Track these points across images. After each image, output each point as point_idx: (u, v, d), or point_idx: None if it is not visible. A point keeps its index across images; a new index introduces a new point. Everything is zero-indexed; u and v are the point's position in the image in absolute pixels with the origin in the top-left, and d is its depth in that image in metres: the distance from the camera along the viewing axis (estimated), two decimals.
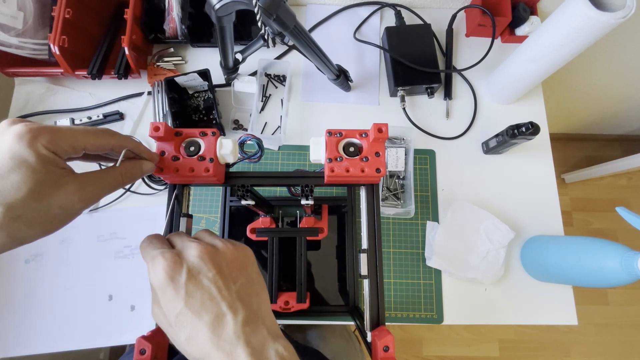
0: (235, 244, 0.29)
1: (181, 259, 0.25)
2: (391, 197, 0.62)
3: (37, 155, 0.23)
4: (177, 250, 0.26)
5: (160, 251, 0.26)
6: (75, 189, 0.25)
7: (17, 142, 0.23)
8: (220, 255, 0.27)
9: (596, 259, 0.48)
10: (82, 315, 0.58)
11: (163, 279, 0.24)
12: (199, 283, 0.25)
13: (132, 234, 0.61)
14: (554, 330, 1.30)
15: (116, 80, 0.64)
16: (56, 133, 0.24)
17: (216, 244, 0.27)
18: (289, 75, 0.68)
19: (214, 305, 0.24)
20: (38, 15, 0.61)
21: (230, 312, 0.24)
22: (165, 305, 0.25)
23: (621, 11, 0.44)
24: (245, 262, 0.28)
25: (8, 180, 0.23)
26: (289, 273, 0.56)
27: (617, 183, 1.43)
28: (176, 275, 0.25)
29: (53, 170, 0.24)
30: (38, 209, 0.24)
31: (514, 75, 0.62)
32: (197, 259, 0.25)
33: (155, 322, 0.27)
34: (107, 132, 0.28)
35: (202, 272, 0.25)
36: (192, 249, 0.26)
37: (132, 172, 0.30)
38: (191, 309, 0.24)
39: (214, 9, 0.44)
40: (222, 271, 0.26)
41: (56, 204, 0.25)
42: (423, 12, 0.73)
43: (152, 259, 0.26)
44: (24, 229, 0.24)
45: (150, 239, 0.28)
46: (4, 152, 0.23)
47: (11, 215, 0.23)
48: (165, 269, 0.25)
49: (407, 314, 0.59)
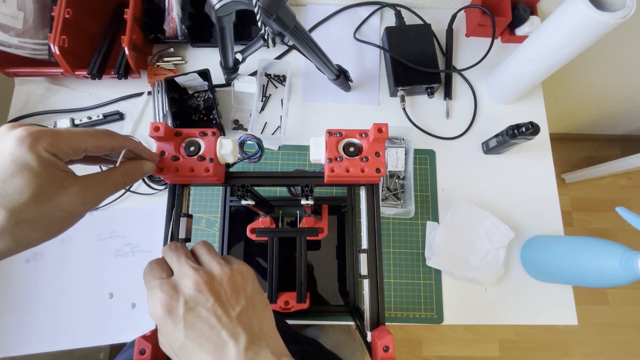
0: (232, 264, 0.29)
1: (177, 292, 0.25)
2: (391, 197, 0.62)
3: (38, 159, 0.23)
4: (174, 280, 0.26)
5: (159, 282, 0.26)
6: (77, 191, 0.25)
7: (18, 146, 0.23)
8: (217, 282, 0.26)
9: (596, 259, 0.48)
10: (83, 314, 0.58)
11: (161, 312, 0.25)
12: (197, 314, 0.25)
13: (132, 232, 0.61)
14: (554, 330, 1.30)
15: (116, 80, 0.64)
16: (56, 136, 0.24)
17: (213, 270, 0.27)
18: (289, 75, 0.68)
19: (214, 334, 0.25)
20: (38, 15, 0.61)
21: (232, 340, 0.24)
22: (167, 337, 0.25)
23: (621, 11, 0.44)
24: (244, 284, 0.28)
25: (11, 185, 0.23)
26: (289, 273, 0.56)
27: (617, 183, 1.43)
28: (174, 308, 0.25)
29: (55, 173, 0.24)
30: (41, 212, 0.24)
31: (514, 75, 0.62)
32: (193, 290, 0.25)
33: (163, 350, 0.27)
34: (107, 133, 0.28)
35: (200, 302, 0.25)
36: (188, 279, 0.26)
37: (133, 172, 0.30)
38: (192, 341, 0.24)
39: (214, 9, 0.44)
40: (220, 298, 0.26)
41: (59, 206, 0.25)
42: (423, 12, 0.73)
43: (151, 290, 0.26)
44: (28, 233, 0.24)
45: (151, 265, 0.28)
46: (6, 157, 0.23)
47: (15, 219, 0.23)
48: (163, 303, 0.25)
49: (407, 314, 0.59)
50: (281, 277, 0.54)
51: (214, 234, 0.61)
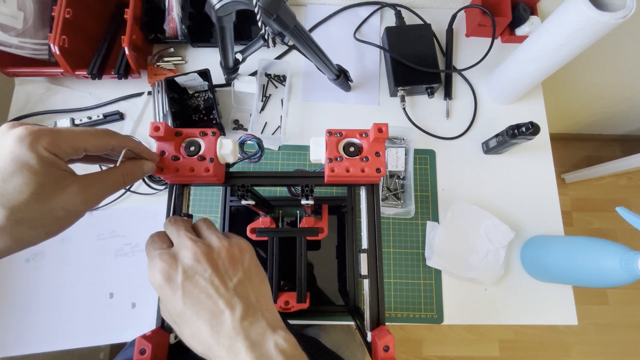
0: (231, 238, 0.29)
1: (176, 261, 0.26)
2: (391, 197, 0.62)
3: (38, 158, 0.23)
4: (173, 251, 0.27)
5: (159, 252, 0.27)
6: (77, 190, 0.25)
7: (18, 145, 0.23)
8: (215, 253, 0.27)
9: (596, 259, 0.48)
10: (83, 314, 0.58)
11: (160, 280, 0.25)
12: (195, 283, 0.25)
13: (132, 232, 0.61)
14: (554, 330, 1.30)
15: (116, 80, 0.64)
16: (56, 135, 0.24)
17: (211, 242, 0.28)
18: (289, 75, 0.68)
19: (211, 303, 0.25)
20: (38, 15, 0.61)
21: (228, 309, 0.25)
22: (166, 305, 0.26)
23: (621, 11, 0.44)
24: (242, 256, 0.29)
25: (10, 184, 0.23)
26: (289, 273, 0.56)
27: (617, 183, 1.43)
28: (172, 276, 0.25)
29: (55, 172, 0.24)
30: (41, 211, 0.24)
31: (514, 75, 0.62)
32: (192, 260, 0.26)
33: (163, 317, 0.28)
34: (107, 133, 0.28)
35: (198, 272, 0.26)
36: (187, 249, 0.27)
37: (133, 172, 0.30)
38: (190, 308, 0.25)
39: (214, 9, 0.44)
40: (218, 269, 0.26)
41: (59, 205, 0.25)
42: (423, 12, 0.73)
43: (151, 260, 0.27)
44: (27, 232, 0.24)
45: (152, 237, 0.29)
46: (6, 156, 0.23)
47: (14, 218, 0.23)
48: (162, 272, 0.25)
49: (407, 314, 0.59)
50: (281, 277, 0.54)
51: None
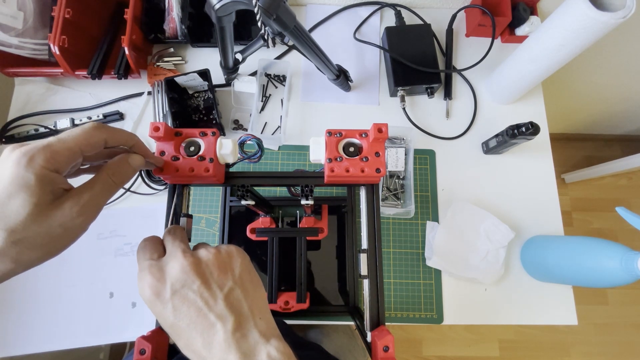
0: (221, 247, 0.29)
1: (164, 274, 0.26)
2: (391, 197, 0.62)
3: (36, 177, 0.23)
4: (163, 261, 0.27)
5: (148, 263, 0.26)
6: (72, 203, 0.25)
7: (16, 166, 0.23)
8: (204, 264, 0.27)
9: (596, 259, 0.48)
10: (83, 313, 0.58)
11: (149, 295, 0.25)
12: (184, 297, 0.25)
13: (132, 231, 0.61)
14: (554, 330, 1.30)
15: (116, 80, 0.64)
16: (49, 149, 0.24)
17: (200, 253, 0.28)
18: (289, 75, 0.68)
19: (201, 317, 0.25)
20: (38, 15, 0.61)
21: (219, 322, 0.25)
22: (158, 317, 0.26)
23: (621, 11, 0.44)
24: (232, 263, 0.28)
25: (9, 206, 0.23)
26: (289, 273, 0.56)
27: (617, 183, 1.43)
28: (161, 291, 0.25)
29: (51, 190, 0.24)
30: (38, 232, 0.24)
31: (513, 75, 0.62)
32: (179, 272, 0.26)
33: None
34: (94, 127, 0.27)
35: (186, 284, 0.26)
36: (175, 261, 0.26)
37: (120, 170, 0.28)
38: (181, 322, 0.25)
39: (214, 9, 0.44)
40: (207, 280, 0.26)
41: (56, 223, 0.25)
42: (423, 12, 0.73)
43: (141, 271, 0.26)
44: (26, 252, 0.24)
45: (145, 242, 0.28)
46: (5, 179, 0.23)
47: (12, 239, 0.23)
48: (150, 286, 0.25)
49: (407, 314, 0.59)
50: (281, 277, 0.54)
51: (214, 234, 0.61)
